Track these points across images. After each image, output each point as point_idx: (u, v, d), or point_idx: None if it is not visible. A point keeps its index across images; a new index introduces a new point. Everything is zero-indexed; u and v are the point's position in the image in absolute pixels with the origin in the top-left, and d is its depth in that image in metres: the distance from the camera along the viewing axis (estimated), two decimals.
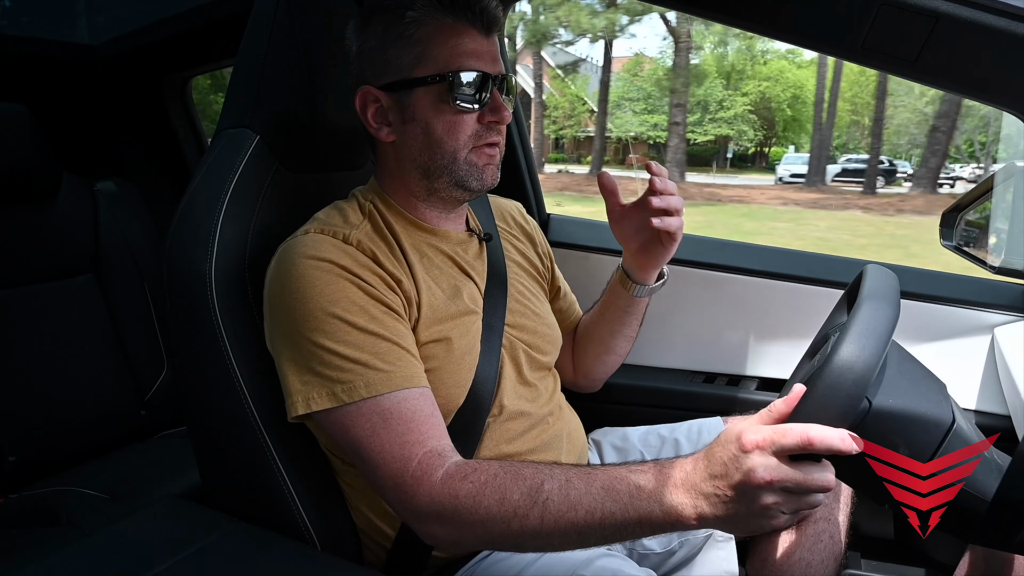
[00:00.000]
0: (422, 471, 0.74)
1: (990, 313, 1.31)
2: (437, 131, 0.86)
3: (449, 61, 0.84)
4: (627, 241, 1.03)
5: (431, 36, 0.84)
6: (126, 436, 1.64)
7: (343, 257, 0.80)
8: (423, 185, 0.91)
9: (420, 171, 0.90)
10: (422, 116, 0.86)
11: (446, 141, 0.87)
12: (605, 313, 1.13)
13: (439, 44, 0.84)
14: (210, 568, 0.74)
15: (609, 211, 1.02)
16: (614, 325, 1.12)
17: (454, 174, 0.88)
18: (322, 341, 0.77)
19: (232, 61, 1.06)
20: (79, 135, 1.94)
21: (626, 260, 1.07)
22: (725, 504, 0.64)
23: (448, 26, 0.85)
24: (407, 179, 0.92)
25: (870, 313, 0.69)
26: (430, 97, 0.85)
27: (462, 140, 0.87)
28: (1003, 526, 0.69)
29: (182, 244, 0.85)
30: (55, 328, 1.56)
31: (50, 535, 1.26)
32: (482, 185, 0.90)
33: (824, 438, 0.60)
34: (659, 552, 1.06)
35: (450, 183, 0.89)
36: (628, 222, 1.01)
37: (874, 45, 0.83)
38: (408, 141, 0.89)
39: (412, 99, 0.86)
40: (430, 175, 0.89)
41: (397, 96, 0.87)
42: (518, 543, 0.72)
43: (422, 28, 0.84)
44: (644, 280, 1.07)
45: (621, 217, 1.01)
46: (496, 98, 0.87)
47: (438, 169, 0.88)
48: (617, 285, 1.10)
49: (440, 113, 0.86)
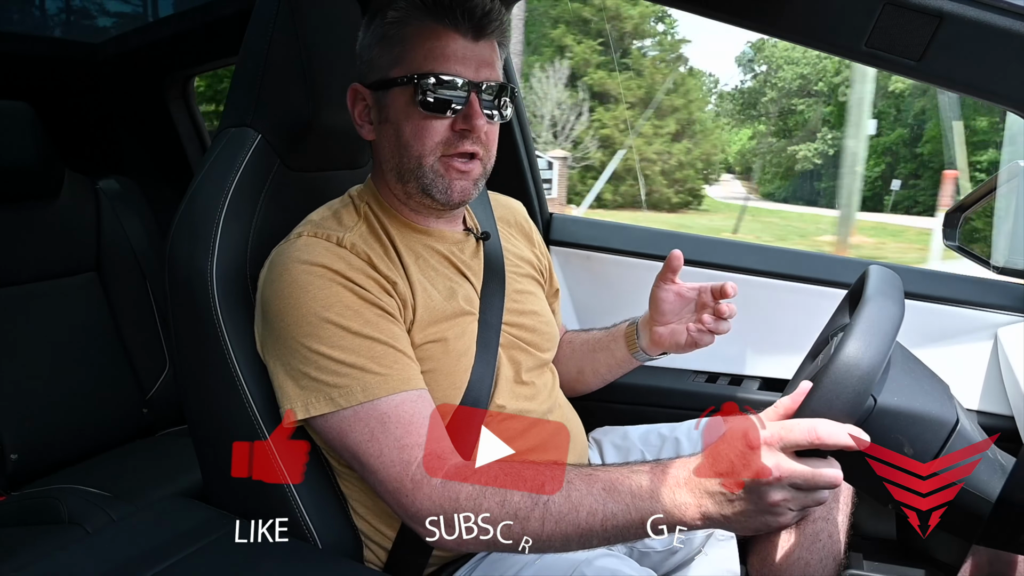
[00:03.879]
0: (422, 474, 0.74)
1: (993, 313, 1.30)
2: (405, 134, 0.86)
3: (422, 63, 0.83)
4: (661, 316, 1.02)
5: (409, 37, 0.84)
6: (128, 434, 1.64)
7: (336, 261, 0.80)
8: (399, 188, 0.90)
9: (394, 173, 0.89)
10: (394, 117, 0.86)
11: (412, 145, 0.86)
12: (596, 354, 1.13)
13: (415, 46, 0.84)
14: (211, 566, 0.74)
15: (662, 279, 1.01)
16: (599, 367, 1.13)
17: (420, 180, 0.87)
18: (317, 346, 0.76)
19: (234, 60, 1.06)
20: (81, 133, 1.94)
21: (646, 328, 1.06)
22: (731, 502, 0.64)
23: (428, 28, 0.84)
24: (387, 180, 0.91)
25: (875, 311, 0.69)
26: (403, 99, 0.85)
27: (428, 146, 0.85)
28: (1007, 527, 0.69)
29: (183, 242, 0.85)
30: (57, 326, 1.56)
31: (52, 533, 1.26)
32: (448, 198, 0.87)
33: (832, 433, 0.60)
34: (660, 551, 1.06)
35: (418, 188, 0.88)
36: (674, 301, 1.01)
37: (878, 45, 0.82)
38: (383, 141, 0.89)
39: (388, 99, 0.86)
40: (401, 178, 0.89)
41: (377, 96, 0.87)
42: (519, 545, 0.72)
43: (403, 28, 0.84)
44: (650, 352, 1.07)
45: (670, 292, 1.00)
46: (472, 105, 0.84)
47: (407, 172, 0.88)
48: (622, 339, 1.09)
49: (409, 116, 0.85)
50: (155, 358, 1.71)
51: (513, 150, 1.54)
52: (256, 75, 0.93)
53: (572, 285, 1.58)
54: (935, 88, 5.11)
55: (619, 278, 1.56)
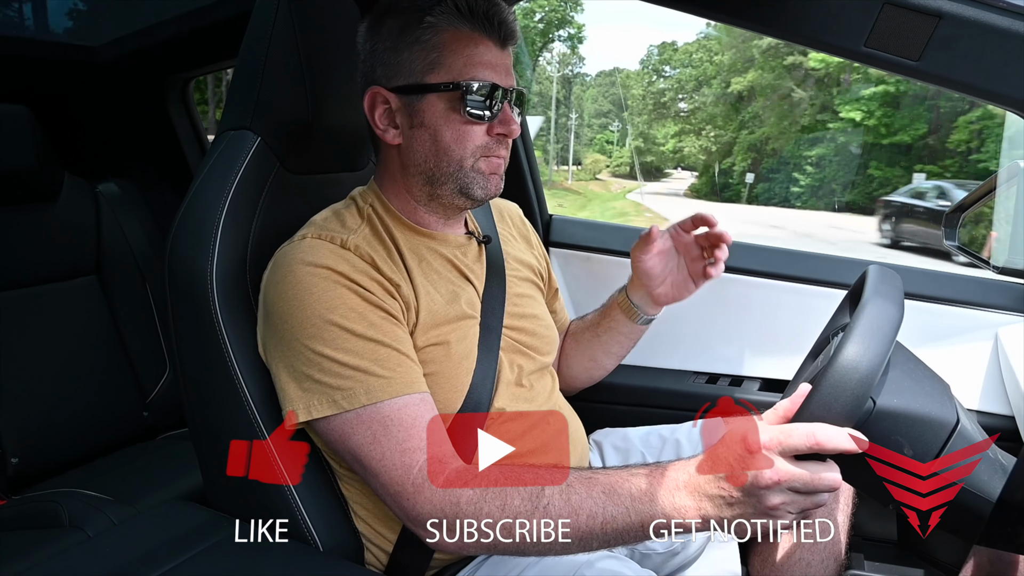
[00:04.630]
0: (423, 478, 0.74)
1: (993, 313, 1.30)
2: (445, 138, 0.86)
3: (464, 70, 0.84)
4: (653, 280, 1.05)
5: (448, 43, 0.84)
6: (129, 438, 1.64)
7: (340, 263, 0.80)
8: (426, 191, 0.91)
9: (424, 176, 0.89)
10: (431, 122, 0.86)
11: (453, 149, 0.87)
12: (601, 334, 1.14)
13: (455, 52, 0.84)
14: (212, 570, 0.74)
15: (642, 252, 1.03)
16: (610, 347, 1.14)
17: (459, 182, 0.88)
18: (321, 349, 0.76)
19: (233, 62, 1.06)
20: (81, 137, 1.94)
21: (638, 293, 1.08)
22: (731, 506, 0.64)
23: (465, 35, 0.84)
24: (410, 183, 0.91)
25: (874, 313, 0.69)
26: (441, 104, 0.85)
27: (469, 149, 0.87)
28: (1008, 527, 0.68)
29: (183, 246, 0.85)
30: (57, 330, 1.56)
31: (53, 537, 1.25)
32: (486, 194, 0.90)
33: (831, 438, 0.60)
34: (661, 552, 1.06)
35: (454, 190, 0.89)
36: (658, 262, 1.03)
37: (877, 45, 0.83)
38: (415, 146, 0.88)
39: (423, 104, 0.86)
40: (434, 181, 0.89)
41: (408, 100, 0.86)
42: (520, 548, 0.72)
43: (439, 34, 0.84)
44: (653, 312, 1.09)
45: (652, 257, 1.03)
46: (506, 111, 0.87)
47: (443, 176, 0.88)
48: (618, 312, 1.11)
49: (450, 121, 0.85)
50: (155, 361, 1.71)
51: (513, 152, 1.54)
52: (255, 77, 0.93)
53: (572, 286, 1.58)
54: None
55: (619, 279, 1.54)
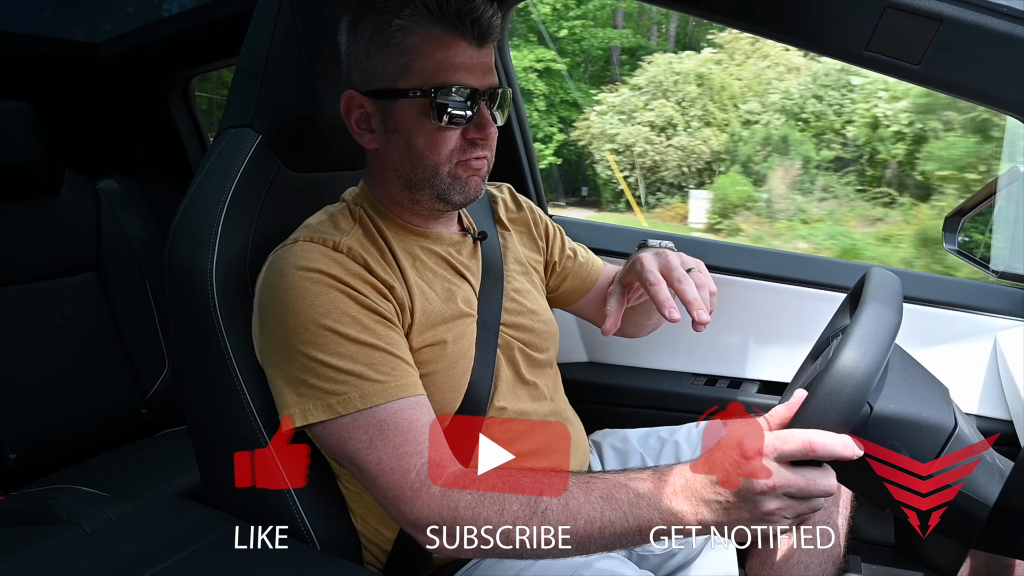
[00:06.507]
0: (420, 482, 0.73)
1: (992, 318, 1.30)
2: (418, 145, 0.84)
3: (435, 75, 0.81)
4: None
5: (418, 46, 0.82)
6: (127, 434, 1.64)
7: (333, 266, 0.79)
8: (405, 195, 0.89)
9: (402, 181, 0.88)
10: (404, 128, 0.84)
11: (427, 156, 0.85)
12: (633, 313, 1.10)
13: (425, 55, 0.82)
14: (210, 567, 0.74)
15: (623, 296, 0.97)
16: (638, 318, 1.11)
17: (435, 188, 0.86)
18: (315, 353, 0.76)
19: (235, 60, 1.06)
20: (82, 133, 1.94)
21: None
22: (727, 510, 0.64)
23: (436, 37, 0.82)
24: (390, 187, 0.90)
25: (872, 318, 0.69)
26: (413, 110, 0.83)
27: (443, 155, 0.85)
28: (1005, 531, 0.69)
29: (183, 243, 0.85)
30: (57, 326, 1.56)
31: (50, 533, 1.26)
32: (466, 198, 0.88)
33: (826, 444, 0.60)
34: (659, 554, 1.06)
35: (431, 196, 0.87)
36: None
37: (878, 49, 0.83)
38: (390, 151, 0.87)
39: (395, 110, 0.84)
40: (412, 186, 0.88)
41: (381, 104, 0.85)
42: (520, 553, 0.72)
43: (409, 37, 0.82)
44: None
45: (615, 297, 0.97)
46: (482, 114, 0.84)
47: (419, 182, 0.87)
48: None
49: (422, 127, 0.83)
50: (154, 358, 1.71)
51: (513, 148, 1.54)
52: (257, 75, 0.93)
53: None
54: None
55: None
